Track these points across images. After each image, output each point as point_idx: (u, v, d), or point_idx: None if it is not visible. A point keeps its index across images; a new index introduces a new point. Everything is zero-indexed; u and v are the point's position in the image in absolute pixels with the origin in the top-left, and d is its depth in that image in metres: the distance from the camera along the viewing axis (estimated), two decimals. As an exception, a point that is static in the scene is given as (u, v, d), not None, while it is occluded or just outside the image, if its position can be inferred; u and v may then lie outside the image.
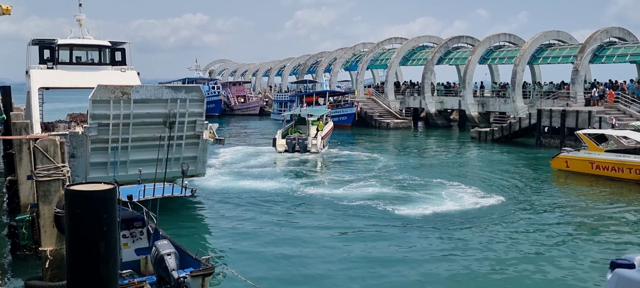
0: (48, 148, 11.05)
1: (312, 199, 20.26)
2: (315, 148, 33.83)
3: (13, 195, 17.06)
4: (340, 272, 13.01)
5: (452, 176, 25.78)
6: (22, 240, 12.75)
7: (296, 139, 33.89)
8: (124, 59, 26.96)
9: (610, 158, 24.83)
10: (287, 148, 33.63)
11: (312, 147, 33.79)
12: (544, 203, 20.23)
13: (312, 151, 33.57)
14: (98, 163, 18.19)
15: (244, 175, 25.63)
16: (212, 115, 60.23)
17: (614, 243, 15.44)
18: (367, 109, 55.13)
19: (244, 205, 19.69)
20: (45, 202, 10.81)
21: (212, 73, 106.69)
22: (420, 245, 15.13)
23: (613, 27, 43.61)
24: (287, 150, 33.49)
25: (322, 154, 33.44)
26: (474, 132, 43.02)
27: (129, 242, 11.79)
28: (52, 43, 26.02)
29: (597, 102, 37.62)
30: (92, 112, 17.12)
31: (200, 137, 19.27)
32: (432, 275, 12.94)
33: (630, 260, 6.40)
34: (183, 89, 18.21)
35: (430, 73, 54.74)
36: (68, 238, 7.61)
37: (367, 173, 26.02)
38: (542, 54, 47.54)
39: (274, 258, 13.96)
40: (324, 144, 35.16)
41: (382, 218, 17.58)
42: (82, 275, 7.41)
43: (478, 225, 16.98)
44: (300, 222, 17.31)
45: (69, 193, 7.52)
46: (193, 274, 9.80)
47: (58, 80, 24.90)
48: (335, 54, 73.82)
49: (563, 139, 34.05)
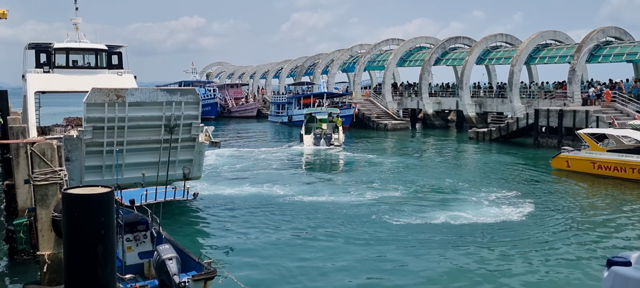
0: (45, 152, 11.01)
1: (315, 205, 20.04)
2: (338, 141, 38.42)
3: (10, 200, 17.01)
4: (341, 279, 12.94)
5: (452, 177, 25.77)
6: (20, 245, 12.71)
7: (321, 134, 38.03)
8: (120, 63, 26.91)
9: (613, 158, 24.81)
10: (314, 142, 37.85)
11: (335, 141, 38.31)
12: (546, 204, 20.16)
13: (335, 144, 37.91)
14: (93, 166, 18.13)
15: (245, 179, 25.51)
16: (208, 118, 60.16)
17: (619, 244, 15.43)
18: (364, 111, 55.13)
19: (246, 209, 19.59)
20: (42, 206, 10.77)
21: (210, 76, 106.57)
22: (421, 245, 15.10)
23: (609, 27, 43.74)
24: (315, 144, 37.72)
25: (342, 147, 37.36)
26: (471, 132, 43.05)
27: (133, 246, 11.75)
28: (48, 47, 25.97)
29: (594, 101, 37.68)
30: (86, 116, 17.06)
31: (196, 140, 19.21)
32: (432, 275, 12.92)
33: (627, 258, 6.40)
34: (178, 91, 18.13)
35: (427, 74, 54.78)
36: (66, 242, 7.59)
37: (367, 177, 25.85)
38: (539, 54, 47.63)
39: (276, 264, 13.88)
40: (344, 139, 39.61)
41: (384, 224, 17.34)
42: (79, 279, 7.40)
43: (480, 225, 16.97)
44: (303, 228, 17.14)
45: (67, 197, 7.50)
46: (195, 278, 9.77)
47: (54, 84, 24.85)
48: (332, 55, 73.82)
49: (561, 139, 34.11)
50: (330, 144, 37.71)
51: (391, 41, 66.09)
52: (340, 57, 70.88)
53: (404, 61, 60.76)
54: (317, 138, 38.00)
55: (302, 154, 35.48)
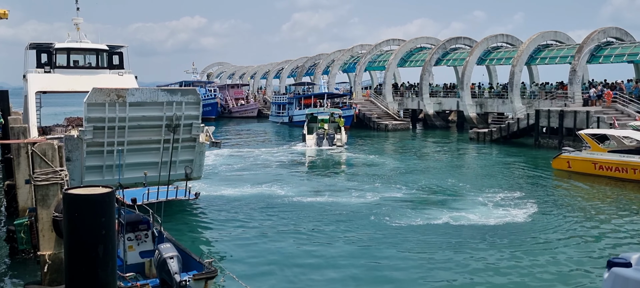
0: (46, 152, 11.02)
1: (316, 205, 20.01)
2: (341, 141, 38.43)
3: (11, 200, 17.03)
4: (342, 279, 12.92)
5: (453, 178, 25.75)
6: (21, 245, 12.70)
7: (325, 134, 38.06)
8: (121, 63, 26.91)
9: (614, 159, 24.79)
10: (317, 142, 37.79)
11: (338, 141, 38.28)
12: (547, 204, 20.14)
13: (338, 144, 37.92)
14: (94, 166, 18.13)
15: (246, 180, 25.48)
16: (209, 118, 60.19)
17: (620, 244, 15.42)
18: (365, 111, 55.14)
19: (247, 209, 19.58)
20: (43, 206, 10.78)
21: (210, 76, 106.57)
22: (422, 246, 15.10)
23: (610, 27, 43.69)
24: (317, 144, 37.61)
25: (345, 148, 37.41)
26: (472, 133, 43.04)
27: (134, 245, 11.78)
28: (49, 47, 25.97)
29: (595, 102, 37.67)
30: (87, 116, 17.05)
31: (197, 140, 19.20)
32: (433, 275, 12.93)
33: (627, 259, 6.42)
34: (179, 91, 18.11)
35: (428, 74, 54.79)
36: (66, 242, 7.60)
37: (369, 178, 25.81)
38: (539, 55, 47.62)
39: (277, 264, 13.88)
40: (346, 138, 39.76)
41: (385, 225, 17.30)
42: (80, 279, 7.40)
43: (480, 226, 16.96)
44: (304, 228, 17.12)
45: (67, 197, 7.50)
46: (196, 277, 9.78)
47: (55, 84, 24.85)
48: (333, 56, 73.84)
49: (561, 139, 34.09)
50: (333, 144, 37.83)
51: (392, 41, 66.11)
52: (341, 57, 70.90)
53: (405, 61, 60.77)
54: (320, 138, 38.05)
55: (305, 154, 35.50)
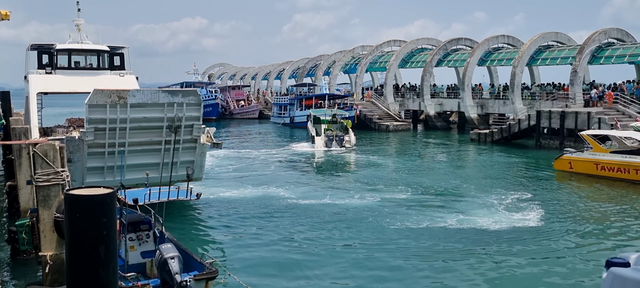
0: (47, 153, 11.05)
1: (318, 207, 19.97)
2: (349, 143, 38.67)
3: (13, 200, 17.05)
4: (343, 280, 12.94)
5: (455, 180, 25.75)
6: (22, 245, 12.73)
7: (333, 136, 38.07)
8: (122, 64, 26.91)
9: (616, 160, 24.79)
10: (326, 144, 37.82)
11: (347, 143, 38.49)
12: (549, 205, 20.13)
13: (347, 146, 38.10)
14: (95, 167, 18.15)
15: (248, 180, 25.50)
16: (210, 119, 60.22)
17: (621, 245, 15.43)
18: (366, 112, 55.14)
19: (249, 210, 19.59)
20: (45, 206, 10.81)
21: (211, 77, 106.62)
22: (423, 247, 15.13)
23: (611, 28, 43.67)
24: (327, 146, 37.67)
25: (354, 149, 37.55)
26: (473, 133, 43.03)
27: (136, 245, 11.81)
28: (50, 48, 25.98)
29: (596, 103, 37.65)
30: (88, 117, 17.08)
31: (198, 141, 19.22)
32: (433, 275, 12.95)
33: (626, 259, 6.42)
34: (180, 93, 18.14)
35: (429, 75, 54.80)
36: (68, 242, 7.61)
37: (371, 180, 25.76)
38: (540, 55, 47.60)
39: (278, 265, 13.89)
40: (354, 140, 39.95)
41: (387, 227, 17.28)
42: (82, 279, 7.41)
43: (482, 227, 16.98)
44: (305, 230, 17.11)
45: (69, 198, 7.52)
46: (196, 278, 9.81)
47: (56, 85, 24.84)
48: (334, 57, 73.85)
49: (562, 140, 34.08)
50: (343, 146, 37.90)
51: (393, 42, 66.09)
52: (342, 58, 70.90)
53: (406, 62, 60.78)
54: (330, 140, 38.01)
55: (314, 156, 35.48)
